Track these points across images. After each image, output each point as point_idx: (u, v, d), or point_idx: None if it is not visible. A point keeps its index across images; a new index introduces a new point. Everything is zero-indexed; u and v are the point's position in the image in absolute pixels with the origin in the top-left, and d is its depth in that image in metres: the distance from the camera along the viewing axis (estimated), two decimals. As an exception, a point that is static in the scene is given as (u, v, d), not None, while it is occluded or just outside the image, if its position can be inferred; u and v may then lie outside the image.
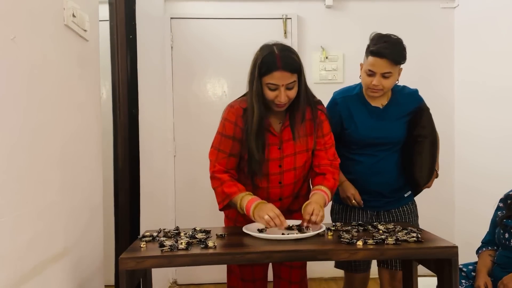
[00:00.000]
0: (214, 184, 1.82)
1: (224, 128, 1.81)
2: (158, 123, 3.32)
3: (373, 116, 2.00)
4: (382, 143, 1.99)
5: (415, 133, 1.99)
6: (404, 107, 2.02)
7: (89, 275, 1.80)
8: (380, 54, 1.85)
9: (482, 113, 3.15)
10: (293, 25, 3.46)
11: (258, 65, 1.67)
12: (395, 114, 2.01)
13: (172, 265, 1.50)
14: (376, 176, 1.99)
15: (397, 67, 1.91)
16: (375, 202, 2.03)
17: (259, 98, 1.70)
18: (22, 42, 1.26)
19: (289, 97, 1.70)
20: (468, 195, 3.36)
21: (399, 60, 1.90)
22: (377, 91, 1.93)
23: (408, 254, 1.58)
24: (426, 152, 1.98)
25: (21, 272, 1.24)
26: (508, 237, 1.90)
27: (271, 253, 1.49)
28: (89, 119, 1.86)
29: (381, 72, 1.87)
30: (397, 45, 1.90)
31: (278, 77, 1.65)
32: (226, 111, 1.84)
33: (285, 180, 1.83)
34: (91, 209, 1.86)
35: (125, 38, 2.88)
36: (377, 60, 1.87)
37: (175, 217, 3.45)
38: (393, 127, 1.99)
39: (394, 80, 1.93)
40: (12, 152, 1.20)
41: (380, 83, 1.89)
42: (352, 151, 2.03)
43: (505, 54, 2.87)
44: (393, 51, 1.86)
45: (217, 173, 1.80)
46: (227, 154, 1.81)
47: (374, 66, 1.88)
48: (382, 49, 1.85)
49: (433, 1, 3.53)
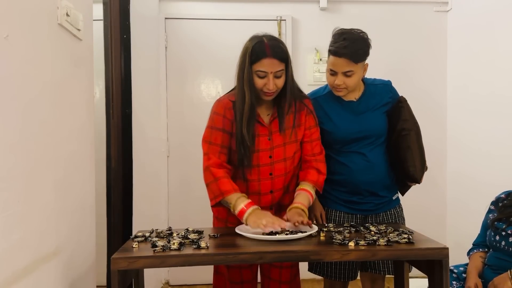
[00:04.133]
0: (208, 179, 1.79)
1: (213, 121, 1.83)
2: (151, 123, 3.32)
3: (349, 110, 1.96)
4: (365, 137, 1.93)
5: (398, 127, 1.94)
6: (379, 97, 1.98)
7: (81, 275, 1.79)
8: (338, 53, 1.82)
9: (475, 117, 3.18)
10: (287, 26, 3.47)
11: (249, 54, 1.72)
12: (371, 105, 1.96)
13: (165, 266, 1.50)
14: (366, 174, 1.94)
15: (359, 64, 1.85)
16: (366, 205, 1.98)
17: (250, 86, 1.74)
18: (15, 41, 1.26)
19: (277, 85, 1.74)
20: (460, 197, 3.39)
21: (359, 58, 1.83)
22: (341, 90, 1.89)
23: (400, 255, 1.59)
24: (414, 145, 1.93)
25: (12, 271, 1.23)
26: (499, 239, 1.92)
27: (264, 254, 1.49)
28: (82, 119, 1.86)
29: (342, 71, 1.84)
30: (357, 42, 1.83)
31: (267, 64, 1.70)
32: (214, 105, 1.87)
33: (276, 171, 1.83)
34: (83, 209, 1.86)
35: (119, 37, 2.88)
36: (337, 59, 1.83)
37: (168, 217, 3.45)
38: (372, 118, 1.95)
39: (357, 77, 1.88)
40: (3, 151, 1.20)
41: (343, 82, 1.86)
42: (337, 151, 1.97)
43: (498, 58, 2.89)
44: (352, 49, 1.80)
45: (212, 166, 1.78)
46: (220, 146, 1.81)
47: (334, 65, 1.84)
48: (341, 48, 1.80)
49: (427, 5, 3.56)
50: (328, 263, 2.02)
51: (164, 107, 3.43)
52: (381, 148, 1.99)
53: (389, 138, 1.99)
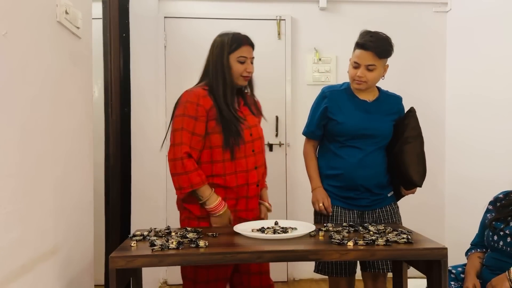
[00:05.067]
0: (177, 169, 1.81)
1: (186, 109, 1.86)
2: (150, 122, 3.31)
3: (361, 109, 2.05)
4: (371, 135, 2.02)
5: (406, 134, 2.04)
6: (390, 106, 2.10)
7: (79, 273, 1.79)
8: (364, 46, 1.95)
9: (474, 118, 3.18)
10: (286, 26, 3.47)
11: (228, 44, 1.91)
12: (382, 109, 2.07)
13: (163, 265, 1.49)
14: (364, 170, 2.02)
15: (382, 61, 1.98)
16: (362, 200, 2.05)
17: (230, 72, 1.91)
18: (13, 38, 1.25)
19: (252, 71, 1.96)
20: (458, 197, 3.39)
21: (383, 54, 1.97)
22: (361, 82, 1.99)
23: (398, 255, 1.59)
24: (420, 153, 2.04)
25: (10, 269, 1.23)
26: (497, 239, 1.92)
27: (262, 253, 1.49)
28: (81, 117, 1.85)
29: (365, 64, 1.96)
30: (383, 41, 1.98)
31: (246, 50, 1.93)
32: (184, 95, 1.91)
33: (256, 148, 1.96)
34: (81, 208, 1.85)
35: (118, 36, 2.87)
36: (362, 53, 1.96)
37: (166, 216, 3.44)
38: (381, 120, 2.05)
39: (378, 74, 1.99)
40: (2, 149, 1.19)
41: (364, 75, 1.97)
42: (340, 144, 2.05)
43: (498, 59, 2.90)
44: (378, 44, 1.95)
45: (185, 158, 1.81)
46: (191, 133, 1.84)
47: (359, 58, 1.97)
48: (367, 42, 1.95)
49: (426, 5, 3.56)
50: (328, 262, 2.05)
51: (162, 106, 3.42)
52: (381, 150, 2.08)
53: (393, 144, 2.07)
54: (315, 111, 2.11)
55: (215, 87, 1.89)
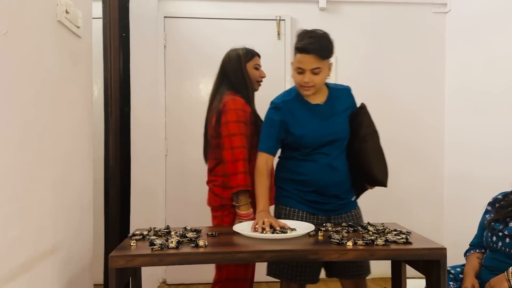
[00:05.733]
0: (238, 169, 1.99)
1: (238, 116, 2.05)
2: (150, 122, 3.31)
3: (317, 114, 1.97)
4: (334, 140, 1.96)
5: (362, 133, 1.98)
6: (343, 101, 2.02)
7: (78, 273, 1.79)
8: (306, 50, 1.84)
9: (473, 118, 3.18)
10: (286, 26, 3.47)
11: (244, 54, 2.19)
12: (337, 108, 2.00)
13: (162, 264, 1.49)
14: (333, 175, 1.95)
15: (326, 61, 1.88)
16: (328, 205, 1.97)
17: (250, 79, 2.20)
18: (14, 37, 1.25)
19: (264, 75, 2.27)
20: (457, 197, 3.39)
21: (326, 54, 1.87)
22: (309, 88, 1.90)
23: (397, 255, 1.59)
24: (379, 150, 1.99)
25: (9, 268, 1.23)
26: (496, 240, 1.92)
27: (262, 253, 1.49)
28: (81, 117, 1.85)
29: (310, 68, 1.85)
30: (323, 40, 1.87)
31: (257, 59, 2.24)
32: (231, 103, 2.07)
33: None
34: (81, 207, 1.85)
35: (118, 36, 2.87)
36: (304, 57, 1.85)
37: (166, 216, 3.44)
38: (339, 122, 1.98)
39: (324, 75, 1.90)
40: (1, 148, 1.19)
41: (311, 80, 1.87)
42: (305, 154, 1.97)
43: (496, 60, 2.90)
44: (319, 46, 1.84)
45: (245, 160, 2.02)
46: (245, 136, 2.05)
47: (302, 63, 1.86)
48: (308, 44, 1.83)
49: (425, 6, 3.57)
50: (283, 266, 1.95)
51: (162, 105, 3.43)
52: (343, 152, 2.01)
53: (351, 143, 2.02)
54: (272, 126, 1.96)
55: (245, 94, 2.14)
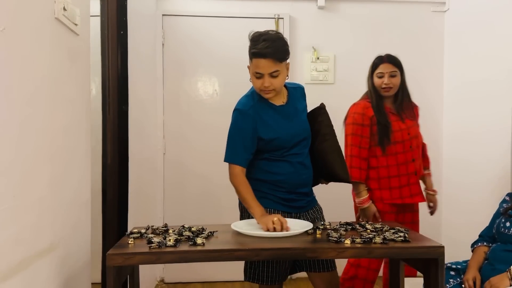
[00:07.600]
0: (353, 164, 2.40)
1: (355, 119, 2.45)
2: (148, 120, 3.31)
3: (283, 115, 1.96)
4: (304, 139, 1.98)
5: (322, 132, 2.01)
6: (300, 100, 2.05)
7: (76, 271, 1.78)
8: (262, 54, 1.80)
9: (472, 118, 3.19)
10: (285, 25, 3.47)
11: (371, 67, 2.53)
12: (298, 107, 2.01)
13: (160, 262, 1.49)
14: (303, 173, 1.97)
15: (283, 63, 1.85)
16: (300, 202, 1.99)
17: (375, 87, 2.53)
18: (11, 34, 1.25)
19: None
20: (455, 195, 3.40)
21: (283, 57, 1.84)
22: (269, 91, 1.87)
23: (395, 253, 1.60)
24: (338, 149, 2.02)
25: (6, 266, 1.23)
26: (509, 226, 1.95)
27: (260, 251, 1.50)
28: (79, 115, 1.85)
29: (268, 72, 1.82)
30: (278, 42, 1.84)
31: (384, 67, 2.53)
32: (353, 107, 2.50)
33: (413, 144, 2.51)
34: (79, 205, 1.85)
35: (116, 33, 2.86)
36: (261, 61, 1.81)
37: (164, 214, 3.44)
38: (303, 120, 2.01)
39: (283, 76, 1.88)
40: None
41: (271, 83, 1.84)
42: (278, 155, 1.95)
43: (495, 59, 2.91)
44: (275, 49, 1.81)
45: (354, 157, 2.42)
46: (360, 136, 2.42)
47: (260, 67, 1.82)
48: (263, 49, 1.79)
49: (424, 4, 3.57)
50: (261, 269, 1.94)
51: (160, 104, 3.42)
52: (308, 149, 2.03)
53: (313, 142, 2.04)
54: (244, 135, 1.90)
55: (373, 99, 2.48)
